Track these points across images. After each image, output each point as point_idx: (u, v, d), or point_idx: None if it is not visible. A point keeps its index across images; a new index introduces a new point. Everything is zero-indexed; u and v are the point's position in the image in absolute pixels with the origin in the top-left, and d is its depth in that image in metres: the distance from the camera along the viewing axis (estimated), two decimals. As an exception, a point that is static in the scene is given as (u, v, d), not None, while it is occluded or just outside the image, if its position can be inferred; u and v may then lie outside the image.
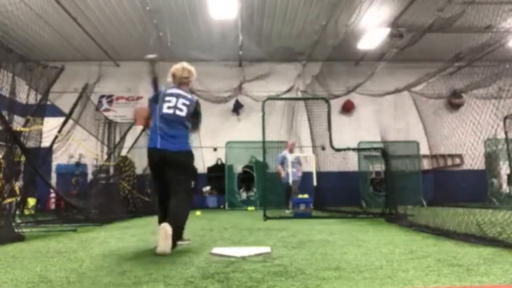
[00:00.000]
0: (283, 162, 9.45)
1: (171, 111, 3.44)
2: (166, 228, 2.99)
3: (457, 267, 2.34)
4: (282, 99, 12.41)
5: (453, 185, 9.73)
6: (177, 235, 3.20)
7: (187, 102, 3.50)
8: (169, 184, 3.39)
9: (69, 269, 2.47)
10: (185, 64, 3.65)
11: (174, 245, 3.08)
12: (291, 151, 9.55)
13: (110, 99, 13.69)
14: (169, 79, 3.64)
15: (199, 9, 10.25)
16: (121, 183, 9.36)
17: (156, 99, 3.51)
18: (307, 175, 9.29)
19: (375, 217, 6.86)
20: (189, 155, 3.53)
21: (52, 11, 9.23)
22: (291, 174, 9.02)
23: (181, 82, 3.59)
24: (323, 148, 10.64)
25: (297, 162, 9.49)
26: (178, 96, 3.50)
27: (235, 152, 12.82)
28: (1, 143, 4.62)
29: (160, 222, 3.40)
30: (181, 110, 3.46)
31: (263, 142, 7.56)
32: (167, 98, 3.48)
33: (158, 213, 3.59)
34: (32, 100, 5.06)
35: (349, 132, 12.45)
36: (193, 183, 3.67)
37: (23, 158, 4.98)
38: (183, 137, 3.48)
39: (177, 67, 3.63)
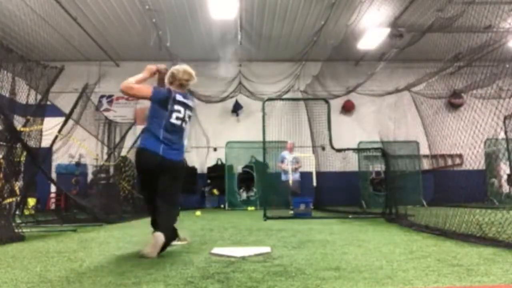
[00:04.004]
0: (282, 161, 9.51)
1: (179, 122, 3.31)
2: (160, 238, 2.94)
3: (457, 267, 2.34)
4: (282, 99, 12.41)
5: (453, 185, 9.71)
6: (167, 242, 3.09)
7: (191, 114, 3.46)
8: (160, 191, 3.23)
9: (69, 269, 2.48)
10: (186, 67, 3.49)
11: (161, 252, 3.02)
12: (290, 151, 9.57)
13: (110, 99, 13.69)
14: (166, 80, 3.48)
15: (199, 8, 10.24)
16: (121, 183, 9.37)
17: (165, 101, 3.28)
18: (307, 175, 9.30)
19: (375, 217, 6.86)
20: (184, 166, 3.54)
21: (52, 11, 9.23)
22: (291, 174, 9.09)
23: (181, 84, 3.40)
24: (323, 148, 10.64)
25: (296, 162, 9.46)
26: (185, 106, 3.38)
27: (235, 152, 12.82)
28: (1, 143, 4.62)
29: (152, 225, 3.32)
30: (186, 123, 3.41)
31: (263, 142, 7.56)
32: (176, 107, 3.31)
33: (150, 215, 3.44)
34: (32, 100, 5.05)
35: (349, 132, 12.44)
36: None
37: (23, 158, 4.98)
38: (183, 147, 3.45)
39: (177, 68, 3.46)
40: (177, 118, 3.31)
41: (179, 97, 3.35)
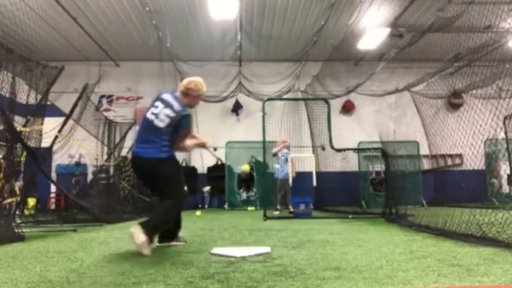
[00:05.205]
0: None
1: (151, 117, 3.34)
2: (132, 231, 2.98)
3: (457, 267, 2.34)
4: (282, 99, 12.41)
5: (453, 185, 9.71)
6: (168, 232, 3.22)
7: (173, 115, 3.31)
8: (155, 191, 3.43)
9: (69, 269, 2.48)
10: (197, 78, 3.58)
11: (150, 241, 3.04)
12: (281, 148, 9.37)
13: (110, 99, 13.69)
14: (180, 88, 3.54)
15: (199, 9, 10.25)
16: (121, 183, 9.37)
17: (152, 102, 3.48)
18: (307, 175, 9.29)
19: (375, 217, 6.86)
20: (161, 162, 3.32)
21: (52, 11, 9.23)
22: (280, 171, 9.01)
23: (184, 92, 3.47)
24: (323, 148, 10.63)
25: (285, 159, 9.07)
26: (167, 105, 3.36)
27: (235, 152, 12.81)
28: (1, 143, 4.62)
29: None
30: (161, 121, 3.31)
31: (263, 142, 7.55)
32: (156, 103, 3.40)
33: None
34: (32, 100, 5.06)
35: (349, 132, 12.43)
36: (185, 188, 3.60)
37: (23, 158, 4.98)
38: (157, 145, 3.31)
39: (188, 78, 3.58)
40: (152, 113, 3.37)
41: (165, 96, 3.45)
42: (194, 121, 3.56)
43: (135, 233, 2.96)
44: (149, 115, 3.37)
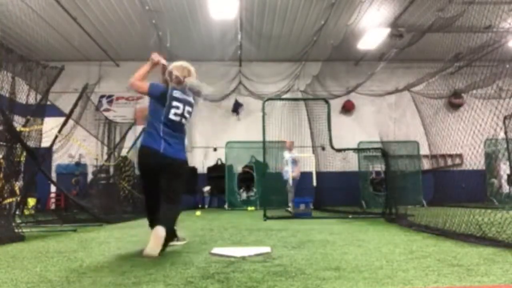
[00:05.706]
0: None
1: (178, 118, 3.33)
2: (160, 230, 2.92)
3: (457, 267, 2.34)
4: (282, 99, 12.42)
5: (453, 185, 9.72)
6: (168, 238, 3.16)
7: (191, 110, 3.47)
8: (163, 189, 3.25)
9: (69, 269, 2.48)
10: (183, 63, 3.50)
11: (163, 248, 3.01)
12: (290, 150, 9.68)
13: (110, 99, 13.69)
14: (166, 76, 3.47)
15: (199, 9, 10.25)
16: (121, 183, 9.37)
17: (161, 97, 3.32)
18: (307, 175, 9.29)
19: (375, 217, 6.86)
20: (186, 164, 3.55)
21: (52, 11, 9.24)
22: (288, 172, 9.30)
23: (178, 81, 3.41)
24: (323, 148, 10.64)
25: (292, 162, 9.41)
26: (185, 103, 3.39)
27: (235, 152, 12.81)
28: (1, 143, 4.62)
29: (150, 225, 3.34)
30: (186, 118, 3.41)
31: (263, 142, 7.56)
32: (174, 103, 3.32)
33: (148, 216, 3.45)
34: (32, 100, 5.05)
35: (349, 132, 12.44)
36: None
37: (23, 158, 4.98)
38: (183, 144, 3.45)
39: (175, 64, 3.48)
40: (176, 114, 3.34)
41: (176, 93, 3.38)
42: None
43: (162, 238, 2.92)
44: (173, 117, 3.31)
